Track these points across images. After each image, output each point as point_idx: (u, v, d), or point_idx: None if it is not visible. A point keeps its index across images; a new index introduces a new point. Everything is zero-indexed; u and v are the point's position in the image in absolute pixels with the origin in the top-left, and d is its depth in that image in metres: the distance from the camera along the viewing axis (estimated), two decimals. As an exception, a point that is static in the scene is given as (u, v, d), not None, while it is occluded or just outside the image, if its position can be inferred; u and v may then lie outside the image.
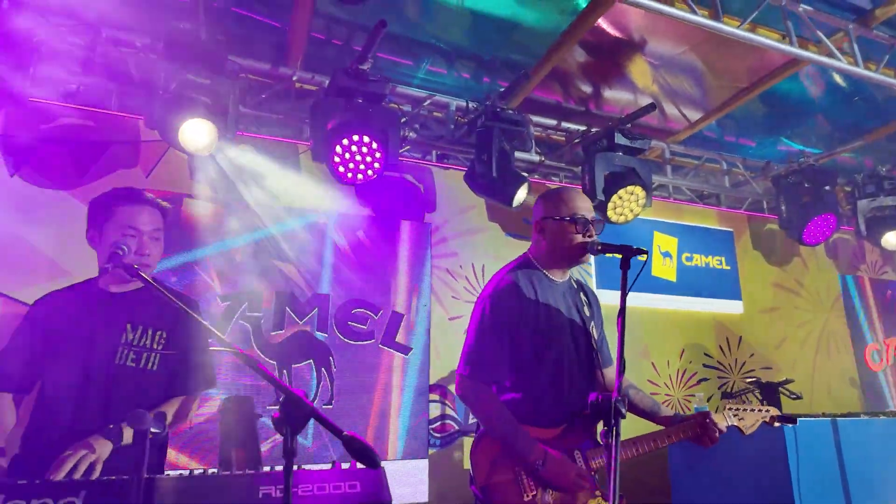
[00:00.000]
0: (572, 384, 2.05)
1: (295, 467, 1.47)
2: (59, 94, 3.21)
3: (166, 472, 1.84)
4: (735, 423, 2.04)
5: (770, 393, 3.01)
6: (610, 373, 2.27)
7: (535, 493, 1.87)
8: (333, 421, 1.19)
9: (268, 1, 3.23)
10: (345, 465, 1.53)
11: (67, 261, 2.97)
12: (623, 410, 1.37)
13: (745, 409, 2.06)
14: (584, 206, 2.12)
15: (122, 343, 1.83)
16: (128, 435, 1.67)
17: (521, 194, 3.61)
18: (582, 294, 2.26)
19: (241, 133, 3.51)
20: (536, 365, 2.01)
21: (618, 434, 1.35)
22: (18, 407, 1.91)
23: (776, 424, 2.05)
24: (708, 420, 1.96)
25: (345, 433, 1.18)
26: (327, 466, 1.54)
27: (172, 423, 1.87)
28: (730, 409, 2.05)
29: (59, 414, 1.74)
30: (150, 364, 1.86)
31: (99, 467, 1.53)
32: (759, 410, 2.07)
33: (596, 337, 2.19)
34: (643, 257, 1.70)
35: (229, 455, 2.49)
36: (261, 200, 3.53)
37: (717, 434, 1.96)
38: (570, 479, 1.85)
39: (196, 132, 2.88)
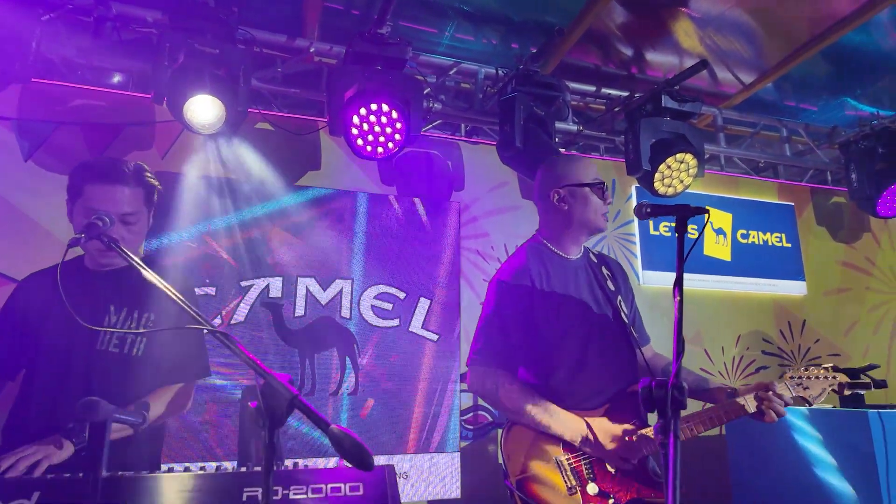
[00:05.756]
0: (604, 367, 1.84)
1: (299, 463, 1.27)
2: (69, 74, 3.11)
3: (167, 467, 1.68)
4: (800, 394, 1.77)
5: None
6: (648, 351, 2.06)
7: (577, 483, 1.66)
8: (318, 411, 0.97)
9: (281, -32, 3.05)
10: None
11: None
12: (683, 399, 1.10)
13: (808, 377, 1.78)
14: (595, 171, 2.01)
15: (104, 326, 1.67)
16: (116, 428, 1.50)
17: (553, 168, 3.31)
18: (604, 268, 2.04)
19: (256, 111, 3.35)
20: (556, 352, 1.82)
21: (676, 429, 1.08)
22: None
23: (847, 392, 1.77)
24: (771, 391, 1.69)
25: (332, 427, 0.96)
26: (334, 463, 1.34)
27: (166, 413, 1.70)
28: (792, 377, 1.78)
29: (40, 405, 1.59)
30: (135, 349, 1.69)
31: (43, 467, 1.36)
32: (825, 378, 1.78)
33: (627, 311, 1.95)
34: (695, 230, 1.44)
35: (248, 448, 2.34)
36: (279, 180, 3.36)
37: (782, 406, 1.70)
38: (620, 448, 1.66)
39: (202, 109, 2.71)
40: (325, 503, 1.19)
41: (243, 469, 1.19)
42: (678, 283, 1.31)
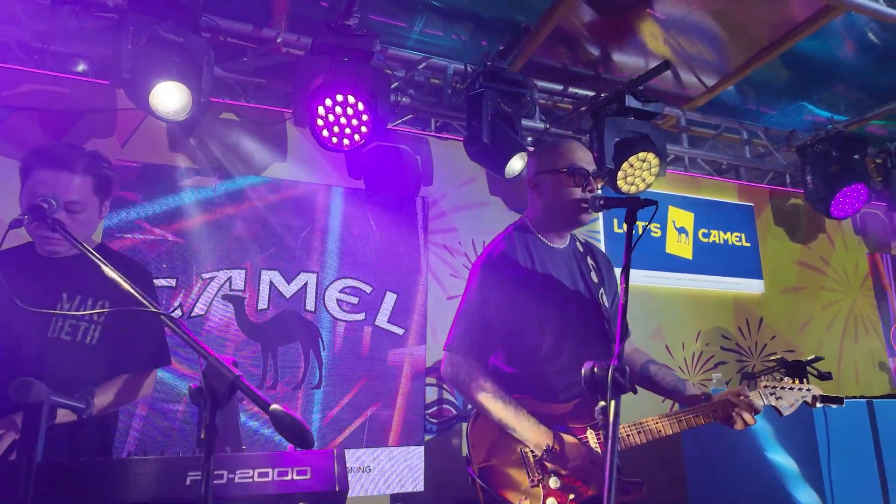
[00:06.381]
0: (579, 361, 1.81)
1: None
2: (26, 59, 3.02)
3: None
4: (773, 404, 1.79)
5: (797, 372, 2.73)
6: (628, 346, 2.04)
7: (540, 476, 1.66)
8: (259, 391, 0.97)
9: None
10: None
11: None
12: (623, 381, 1.12)
13: (782, 388, 1.80)
14: (584, 158, 1.86)
15: (55, 314, 1.63)
16: (62, 413, 1.47)
17: (517, 164, 3.35)
18: (590, 258, 2.01)
19: (222, 100, 3.31)
20: (535, 340, 1.79)
21: (617, 412, 1.11)
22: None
23: (818, 405, 1.79)
24: (743, 398, 1.71)
25: (272, 406, 0.96)
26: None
27: (116, 402, 1.67)
28: (766, 386, 1.79)
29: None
30: (88, 338, 1.65)
31: (6, 444, 1.34)
32: (800, 389, 1.81)
33: (607, 305, 1.94)
34: (658, 228, 1.44)
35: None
36: (244, 171, 3.32)
37: (752, 415, 1.71)
38: (581, 467, 1.64)
39: (167, 96, 2.68)
40: (272, 487, 1.18)
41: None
42: (625, 270, 1.35)
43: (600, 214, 3.99)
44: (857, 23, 3.49)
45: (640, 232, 1.49)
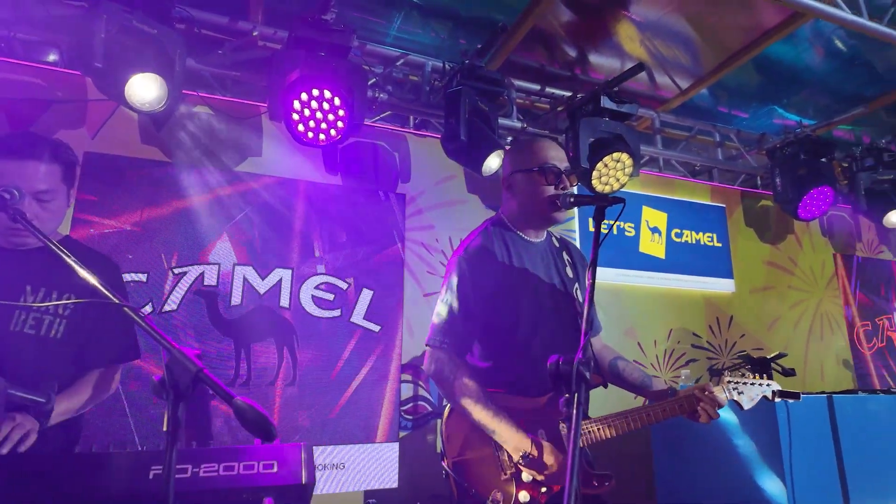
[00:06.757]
0: (554, 352, 1.84)
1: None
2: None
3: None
4: (735, 398, 1.84)
5: (761, 368, 2.81)
6: (597, 342, 2.08)
7: (513, 470, 1.68)
8: (222, 383, 0.97)
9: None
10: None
11: None
12: (587, 375, 1.14)
13: (744, 383, 1.86)
14: (557, 156, 1.89)
15: (18, 307, 1.59)
16: (57, 413, 1.47)
17: (494, 162, 3.37)
18: (565, 253, 2.04)
19: (196, 93, 3.26)
20: (510, 333, 1.82)
21: (579, 405, 1.13)
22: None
23: (777, 400, 1.85)
24: (707, 393, 1.76)
25: (236, 399, 0.96)
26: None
27: (93, 398, 1.65)
28: (729, 382, 1.85)
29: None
30: (53, 331, 1.62)
31: (32, 439, 1.34)
32: (760, 385, 1.87)
33: (581, 300, 1.97)
34: (632, 228, 1.47)
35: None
36: (218, 165, 3.28)
37: (716, 409, 1.76)
38: (558, 474, 1.65)
39: (143, 87, 2.63)
40: (237, 481, 1.18)
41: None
42: (592, 265, 1.37)
43: (576, 214, 4.04)
44: (824, 30, 3.59)
45: (613, 230, 1.51)
